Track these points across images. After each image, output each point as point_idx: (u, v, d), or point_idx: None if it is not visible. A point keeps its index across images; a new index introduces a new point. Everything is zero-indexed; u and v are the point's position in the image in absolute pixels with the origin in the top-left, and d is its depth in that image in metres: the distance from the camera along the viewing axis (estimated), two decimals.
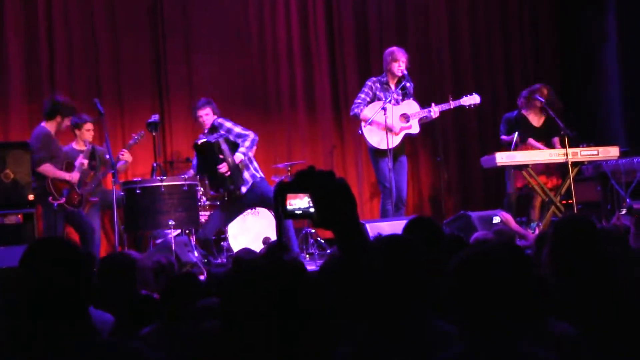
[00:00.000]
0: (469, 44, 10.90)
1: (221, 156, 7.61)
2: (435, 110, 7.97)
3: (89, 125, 8.00)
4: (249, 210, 8.56)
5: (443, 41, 10.82)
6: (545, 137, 8.61)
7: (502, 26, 11.11)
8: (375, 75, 8.40)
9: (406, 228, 3.86)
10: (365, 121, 7.85)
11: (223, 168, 7.60)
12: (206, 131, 7.94)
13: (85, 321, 2.17)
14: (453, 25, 10.90)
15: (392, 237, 2.41)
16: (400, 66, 7.96)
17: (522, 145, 8.46)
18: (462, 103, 8.12)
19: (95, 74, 9.45)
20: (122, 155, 7.90)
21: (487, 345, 2.01)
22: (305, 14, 10.39)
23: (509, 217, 6.84)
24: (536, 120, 8.64)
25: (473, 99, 8.17)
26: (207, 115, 7.92)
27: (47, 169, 7.54)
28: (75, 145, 8.03)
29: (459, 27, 10.91)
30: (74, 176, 7.61)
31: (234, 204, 7.90)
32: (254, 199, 7.87)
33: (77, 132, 8.01)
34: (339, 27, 10.47)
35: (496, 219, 7.18)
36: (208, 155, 7.71)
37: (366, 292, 2.16)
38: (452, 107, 8.09)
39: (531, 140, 8.51)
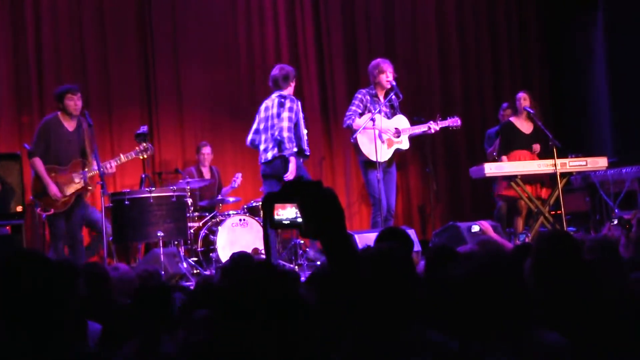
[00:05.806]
0: (458, 57, 10.91)
1: None
2: (435, 128, 8.10)
3: (70, 95, 7.17)
4: (237, 222, 8.48)
5: (432, 55, 10.83)
6: (535, 144, 8.61)
7: (491, 41, 11.12)
8: (363, 86, 8.38)
9: (378, 238, 3.87)
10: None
11: None
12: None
13: (63, 334, 2.10)
14: (441, 39, 10.90)
15: (379, 248, 2.41)
16: (387, 77, 7.90)
17: (506, 154, 8.46)
18: (446, 124, 8.24)
19: (84, 85, 9.38)
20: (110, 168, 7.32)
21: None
22: (294, 25, 10.39)
23: (488, 227, 6.85)
24: (525, 126, 8.62)
25: (454, 122, 8.25)
26: None
27: (36, 163, 7.14)
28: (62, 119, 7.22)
29: (448, 41, 10.92)
30: (54, 192, 7.07)
31: None
32: None
33: (60, 105, 7.20)
34: (328, 38, 10.48)
35: (475, 228, 7.18)
36: None
37: (354, 302, 2.16)
38: (438, 127, 8.19)
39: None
